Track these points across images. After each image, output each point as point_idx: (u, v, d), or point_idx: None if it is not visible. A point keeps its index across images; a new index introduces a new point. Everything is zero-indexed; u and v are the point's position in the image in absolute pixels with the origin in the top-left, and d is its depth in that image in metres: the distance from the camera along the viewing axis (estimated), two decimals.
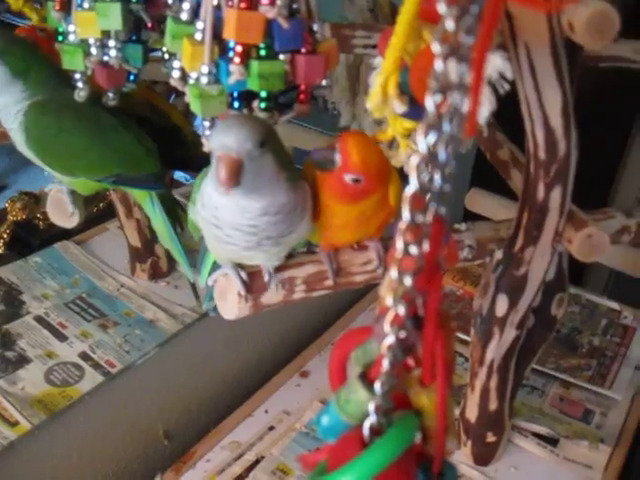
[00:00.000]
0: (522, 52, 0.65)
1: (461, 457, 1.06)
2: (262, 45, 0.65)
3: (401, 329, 0.39)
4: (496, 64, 0.53)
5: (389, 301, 0.38)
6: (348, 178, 0.67)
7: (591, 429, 1.17)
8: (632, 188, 2.09)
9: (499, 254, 0.83)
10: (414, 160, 0.34)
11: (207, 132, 0.69)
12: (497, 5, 0.30)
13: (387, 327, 0.39)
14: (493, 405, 0.97)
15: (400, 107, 0.53)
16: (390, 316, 0.39)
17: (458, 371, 1.20)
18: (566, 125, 0.70)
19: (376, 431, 0.43)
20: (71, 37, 0.76)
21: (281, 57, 0.66)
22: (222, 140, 0.61)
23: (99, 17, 0.73)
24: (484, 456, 1.05)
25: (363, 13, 1.15)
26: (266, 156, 0.63)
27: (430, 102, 0.33)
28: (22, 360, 1.13)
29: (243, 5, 0.63)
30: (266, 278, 0.73)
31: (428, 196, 0.36)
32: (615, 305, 1.47)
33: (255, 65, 0.65)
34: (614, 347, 1.36)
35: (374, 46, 0.89)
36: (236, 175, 0.61)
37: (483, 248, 0.84)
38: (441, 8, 0.31)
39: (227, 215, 0.67)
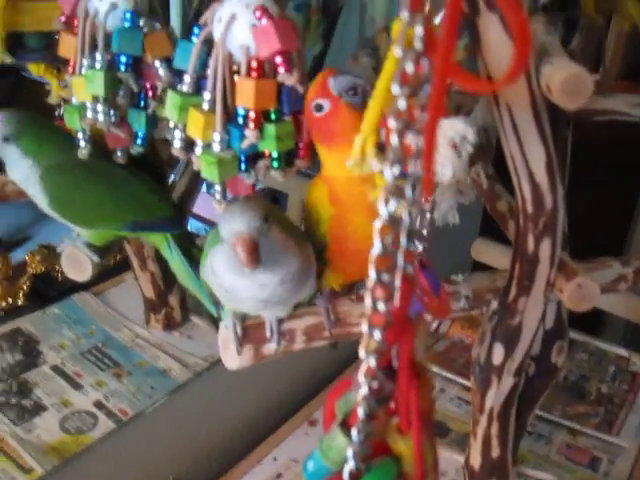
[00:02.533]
0: (504, 111, 0.69)
1: None
2: (272, 110, 0.70)
3: (374, 380, 0.42)
4: (458, 128, 0.56)
5: (361, 354, 0.41)
6: (312, 107, 0.70)
7: (598, 477, 1.18)
8: None
9: (495, 304, 0.86)
10: (377, 224, 0.37)
11: (217, 196, 0.73)
12: (441, 83, 0.34)
13: (360, 378, 0.42)
14: (495, 452, 0.98)
15: (377, 165, 0.57)
16: (363, 368, 0.42)
17: (465, 419, 1.21)
18: (551, 180, 0.73)
19: (355, 476, 0.46)
20: (73, 99, 0.82)
21: (286, 118, 0.71)
22: (232, 227, 0.66)
23: (87, 83, 0.77)
24: None
25: (367, 71, 1.20)
26: (273, 228, 0.68)
27: (388, 173, 0.36)
28: (38, 408, 1.16)
29: (256, 74, 0.67)
30: (268, 334, 0.76)
31: (396, 256, 0.40)
32: (624, 352, 1.48)
33: (271, 129, 0.69)
34: (622, 394, 1.37)
35: None
36: (256, 253, 0.66)
37: (480, 298, 0.86)
38: (394, 88, 0.35)
39: (245, 293, 0.71)
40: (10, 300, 1.39)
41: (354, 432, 0.44)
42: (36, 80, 0.99)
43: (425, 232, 0.43)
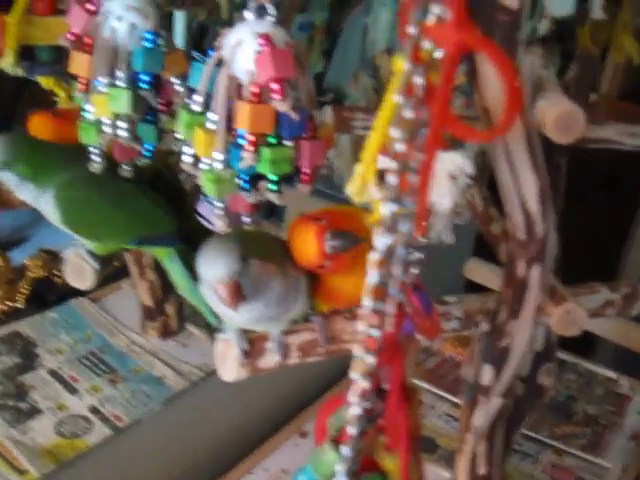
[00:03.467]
0: (498, 140, 0.71)
1: None
2: (271, 134, 0.72)
3: (365, 400, 0.45)
4: (457, 162, 0.59)
5: (354, 375, 0.44)
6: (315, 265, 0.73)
7: None
8: None
9: (485, 326, 0.88)
10: (373, 257, 0.40)
11: (217, 212, 0.75)
12: (437, 130, 0.36)
13: (352, 398, 0.45)
14: (482, 470, 1.00)
15: (377, 194, 0.59)
16: (354, 388, 0.44)
17: (454, 435, 1.23)
18: (543, 208, 0.76)
19: None
20: (89, 115, 0.84)
21: (287, 143, 0.73)
22: (212, 272, 0.69)
23: (110, 100, 0.80)
24: None
25: (367, 92, 1.22)
26: (252, 263, 0.70)
27: (385, 209, 0.39)
28: (33, 411, 1.18)
29: (254, 99, 0.70)
30: (271, 346, 0.79)
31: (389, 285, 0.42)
32: (612, 374, 1.50)
33: (267, 152, 0.71)
34: (609, 416, 1.39)
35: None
36: (239, 294, 0.68)
37: (471, 320, 0.89)
38: (392, 132, 0.37)
39: (235, 317, 0.74)
40: (10, 303, 1.40)
41: (345, 449, 0.47)
42: (38, 85, 1.01)
43: (418, 257, 0.46)
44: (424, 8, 0.34)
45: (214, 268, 0.69)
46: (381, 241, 0.39)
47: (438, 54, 0.35)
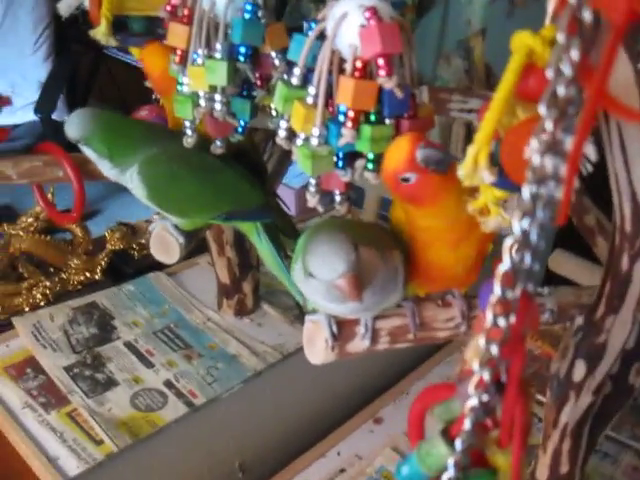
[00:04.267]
0: (614, 130, 0.68)
1: None
2: (372, 111, 0.69)
3: (484, 393, 0.42)
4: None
5: (475, 366, 0.42)
6: (400, 179, 0.67)
7: None
8: None
9: (580, 320, 0.85)
10: (508, 242, 0.37)
11: (311, 189, 0.73)
12: (592, 110, 0.34)
13: (471, 390, 0.42)
14: (564, 468, 0.98)
15: (489, 177, 0.56)
16: (475, 380, 0.42)
17: (532, 431, 1.20)
18: None
19: None
20: (184, 88, 0.83)
21: (387, 121, 0.71)
22: (331, 269, 0.66)
23: (207, 73, 0.79)
24: None
25: (458, 74, 1.19)
26: (361, 251, 0.67)
27: (526, 191, 0.36)
28: (110, 383, 1.20)
29: (358, 74, 0.67)
30: (362, 330, 0.77)
31: (518, 274, 0.40)
32: None
33: (367, 130, 0.69)
34: None
35: (469, 110, 0.93)
36: (361, 285, 0.67)
37: (564, 313, 0.86)
38: (541, 109, 0.35)
39: (337, 310, 0.73)
40: (88, 274, 1.43)
41: (458, 442, 0.45)
42: (116, 58, 1.01)
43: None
44: None
45: (332, 266, 0.66)
46: (518, 225, 0.37)
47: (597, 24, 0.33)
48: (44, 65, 2.34)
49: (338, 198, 0.75)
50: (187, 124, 0.85)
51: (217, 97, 0.79)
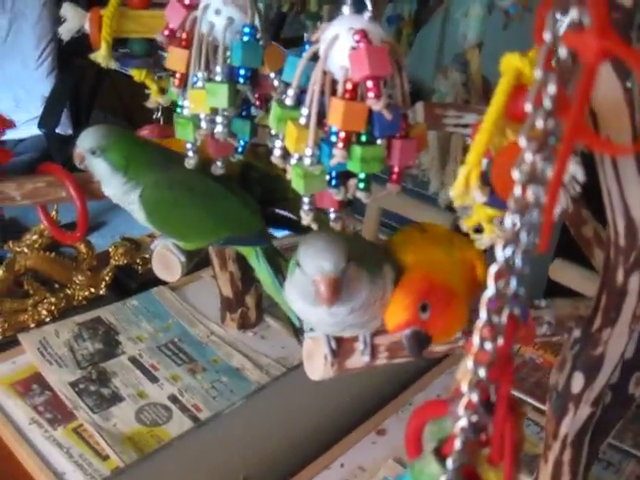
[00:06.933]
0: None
1: None
2: (363, 132, 0.71)
3: (474, 413, 0.43)
4: (570, 169, 0.57)
5: (464, 388, 0.43)
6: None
7: None
8: None
9: (577, 332, 0.86)
10: (492, 269, 0.38)
11: (305, 207, 0.74)
12: (570, 144, 0.35)
13: (461, 411, 0.43)
14: (566, 478, 0.98)
15: (480, 197, 0.57)
16: (464, 401, 0.43)
17: (534, 440, 1.21)
18: None
19: None
20: (185, 111, 0.84)
21: (378, 142, 0.72)
22: (317, 264, 0.68)
23: (208, 95, 0.80)
24: None
25: (456, 87, 1.20)
26: (351, 266, 0.69)
27: (509, 220, 0.37)
28: (115, 398, 1.21)
29: (348, 96, 0.68)
30: (361, 346, 0.78)
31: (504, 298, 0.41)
32: None
33: (358, 150, 0.69)
34: None
35: (464, 125, 0.94)
36: (338, 292, 0.68)
37: (562, 325, 0.86)
38: (521, 141, 0.36)
39: (313, 318, 0.75)
40: (92, 290, 1.44)
41: (449, 461, 0.45)
42: (119, 72, 1.03)
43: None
44: (562, 12, 0.32)
45: (321, 261, 0.68)
46: (501, 253, 0.38)
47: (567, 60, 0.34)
48: (47, 79, 2.36)
49: (332, 216, 0.77)
50: (189, 146, 0.86)
51: (218, 119, 0.80)
